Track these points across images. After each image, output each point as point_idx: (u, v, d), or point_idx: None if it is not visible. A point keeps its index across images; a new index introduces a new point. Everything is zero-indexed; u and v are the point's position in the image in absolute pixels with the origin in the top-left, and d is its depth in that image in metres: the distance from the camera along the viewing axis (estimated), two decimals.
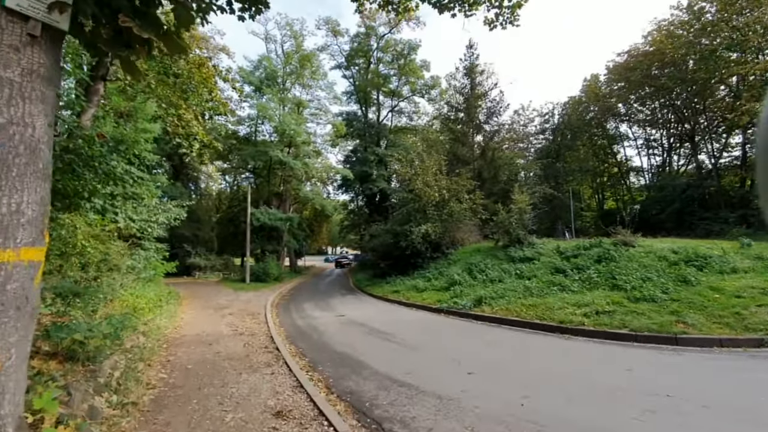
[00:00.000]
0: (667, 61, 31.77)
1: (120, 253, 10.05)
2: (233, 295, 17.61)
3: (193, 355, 6.76)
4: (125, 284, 10.51)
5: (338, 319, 10.75)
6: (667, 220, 30.60)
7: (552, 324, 7.63)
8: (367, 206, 38.84)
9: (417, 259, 17.95)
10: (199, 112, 13.01)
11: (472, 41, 25.01)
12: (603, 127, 42.60)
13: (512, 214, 15.58)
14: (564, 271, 11.92)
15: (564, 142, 38.08)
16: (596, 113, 41.27)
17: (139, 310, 9.30)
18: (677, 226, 29.54)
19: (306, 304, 14.64)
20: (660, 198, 35.11)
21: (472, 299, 10.48)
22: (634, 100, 39.98)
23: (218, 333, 9.00)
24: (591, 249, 13.07)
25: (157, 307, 10.90)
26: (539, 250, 14.33)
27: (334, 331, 8.96)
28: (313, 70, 29.49)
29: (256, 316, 11.91)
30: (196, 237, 31.20)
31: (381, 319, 10.26)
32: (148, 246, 13.13)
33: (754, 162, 1.98)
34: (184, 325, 9.95)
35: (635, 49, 36.41)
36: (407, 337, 7.81)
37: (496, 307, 9.50)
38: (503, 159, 24.29)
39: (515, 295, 10.08)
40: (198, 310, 12.82)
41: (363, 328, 9.11)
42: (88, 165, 6.16)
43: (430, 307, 11.31)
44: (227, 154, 30.89)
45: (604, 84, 41.84)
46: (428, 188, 17.88)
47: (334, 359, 6.51)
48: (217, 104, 13.98)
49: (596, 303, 8.11)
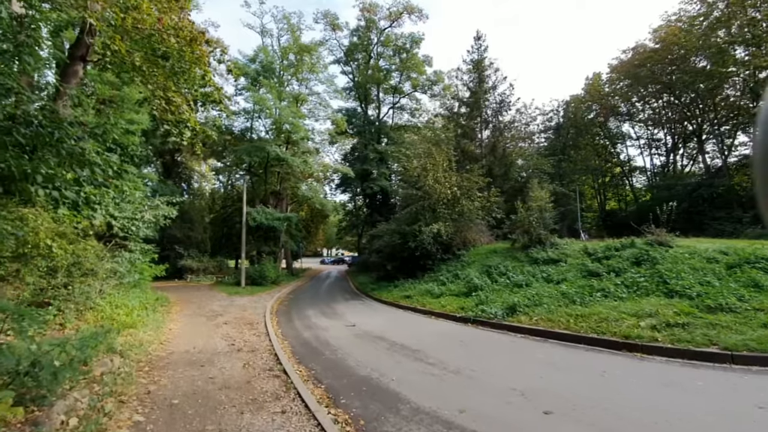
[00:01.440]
0: (676, 57, 31.00)
1: (97, 255, 8.65)
2: (228, 300, 16.20)
3: (181, 383, 5.41)
4: (104, 291, 9.11)
5: (350, 330, 9.43)
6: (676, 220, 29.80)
7: (615, 339, 6.38)
8: (367, 206, 37.55)
9: (426, 260, 16.69)
10: (191, 98, 11.63)
11: (480, 32, 23.85)
12: (605, 126, 41.85)
13: (532, 212, 14.38)
14: (598, 273, 10.72)
15: (569, 141, 37.14)
16: (599, 112, 40.47)
17: (118, 321, 7.91)
18: (686, 227, 28.65)
19: (309, 311, 13.29)
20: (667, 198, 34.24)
21: (502, 307, 9.22)
22: (638, 99, 39.25)
23: (212, 348, 7.65)
24: (623, 250, 11.94)
25: (142, 316, 9.50)
26: (564, 251, 13.15)
27: (349, 347, 7.64)
28: (312, 63, 28.09)
29: (254, 325, 10.55)
30: (188, 238, 29.70)
31: (400, 331, 8.96)
32: (133, 247, 11.69)
33: (752, 164, 0.79)
34: (173, 339, 8.57)
35: (641, 46, 35.65)
36: (441, 356, 6.51)
37: (534, 317, 8.25)
38: (514, 155, 23.11)
39: (553, 303, 8.84)
40: (189, 319, 11.42)
41: (383, 343, 7.80)
42: (46, 143, 4.81)
43: (452, 316, 10.03)
44: (221, 151, 29.43)
45: (607, 83, 41.10)
46: (438, 185, 16.63)
47: (358, 388, 5.20)
48: (211, 90, 12.66)
49: (660, 313, 6.88)
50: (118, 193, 10.06)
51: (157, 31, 10.23)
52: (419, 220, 16.99)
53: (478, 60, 23.93)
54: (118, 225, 10.21)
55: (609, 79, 40.77)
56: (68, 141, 5.14)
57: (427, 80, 33.22)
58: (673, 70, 32.52)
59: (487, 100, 23.61)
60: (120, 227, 10.32)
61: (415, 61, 32.10)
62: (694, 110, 34.89)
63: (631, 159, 44.01)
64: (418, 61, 32.28)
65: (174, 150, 30.44)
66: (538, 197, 14.74)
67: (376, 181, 32.06)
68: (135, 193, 10.74)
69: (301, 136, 24.19)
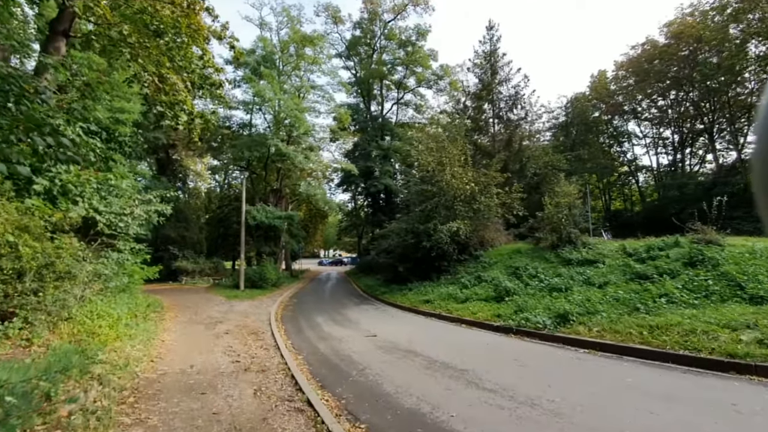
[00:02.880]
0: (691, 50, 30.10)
1: (75, 255, 7.34)
2: (227, 304, 14.86)
3: (176, 422, 4.11)
4: (85, 298, 7.78)
5: (372, 342, 8.15)
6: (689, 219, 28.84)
7: (716, 358, 5.17)
8: (369, 205, 36.28)
9: (442, 261, 15.46)
10: (188, 79, 10.31)
11: (492, 21, 22.68)
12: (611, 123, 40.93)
13: (561, 208, 13.20)
14: (648, 276, 9.53)
15: (578, 138, 36.12)
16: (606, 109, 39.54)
17: (99, 335, 6.59)
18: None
19: (318, 318, 12.01)
20: (677, 197, 33.27)
21: (549, 315, 7.99)
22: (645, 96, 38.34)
23: (213, 367, 6.35)
24: (668, 249, 10.80)
25: (130, 326, 8.18)
26: (600, 251, 11.97)
27: (378, 364, 6.37)
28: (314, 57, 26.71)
29: (260, 335, 9.26)
30: (183, 238, 28.30)
31: (433, 343, 7.70)
32: (122, 246, 10.33)
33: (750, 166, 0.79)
34: (166, 354, 7.26)
35: (651, 42, 34.78)
36: (499, 379, 5.27)
37: (593, 327, 7.03)
38: (530, 151, 21.92)
39: (611, 310, 7.63)
40: (185, 327, 10.10)
41: (418, 359, 6.54)
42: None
43: (488, 325, 8.78)
44: (219, 147, 28.07)
45: (613, 81, 40.19)
46: (455, 180, 15.40)
47: (410, 429, 3.93)
48: (210, 73, 11.35)
49: (761, 324, 5.68)
50: (104, 182, 8.73)
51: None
52: (434, 218, 15.75)
53: (491, 50, 22.75)
54: (103, 221, 8.86)
55: (615, 76, 39.91)
56: (25, 101, 3.86)
57: (433, 74, 32.03)
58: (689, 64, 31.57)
59: (500, 93, 22.44)
60: (106, 223, 8.98)
61: (421, 54, 30.90)
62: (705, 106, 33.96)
63: (636, 158, 43.14)
64: (423, 54, 31.09)
65: (169, 146, 29.08)
66: (567, 192, 13.57)
67: (379, 180, 30.81)
68: (122, 182, 9.38)
69: (304, 131, 22.86)
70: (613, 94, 39.16)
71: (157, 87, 8.93)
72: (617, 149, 43.06)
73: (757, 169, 0.61)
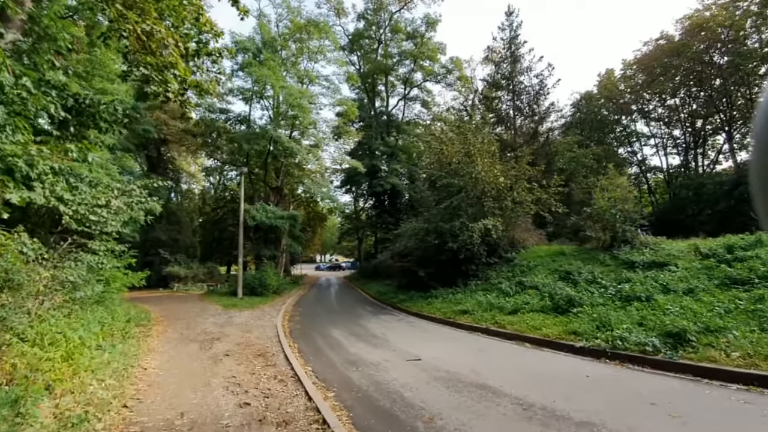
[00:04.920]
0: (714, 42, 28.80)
1: (26, 257, 5.39)
2: (224, 315, 12.86)
3: None
4: (40, 314, 5.79)
5: (420, 369, 6.24)
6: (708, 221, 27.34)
7: None
8: (374, 206, 34.41)
9: (470, 265, 13.62)
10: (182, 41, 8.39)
11: (511, 7, 21.05)
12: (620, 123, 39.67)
13: (614, 203, 11.44)
14: (748, 281, 7.74)
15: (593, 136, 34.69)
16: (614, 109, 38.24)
17: (50, 370, 4.62)
18: (719, 228, 26.21)
19: (334, 331, 10.08)
20: (693, 198, 31.80)
21: (652, 333, 6.13)
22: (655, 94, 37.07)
23: (213, 416, 4.42)
24: (752, 249, 9.08)
25: (101, 350, 6.20)
26: (667, 252, 10.21)
27: (449, 411, 4.46)
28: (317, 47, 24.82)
29: (269, 358, 7.32)
30: (175, 242, 26.20)
31: (509, 374, 5.78)
32: (96, 246, 8.34)
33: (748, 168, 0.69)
34: (146, 391, 5.30)
35: (665, 36, 33.53)
36: None
37: (731, 352, 5.20)
38: (556, 145, 20.22)
39: (743, 328, 5.79)
40: (175, 348, 8.12)
41: (505, 402, 4.64)
42: None
43: (563, 344, 6.89)
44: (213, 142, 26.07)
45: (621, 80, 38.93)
46: (485, 172, 13.58)
47: None
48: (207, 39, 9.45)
49: None
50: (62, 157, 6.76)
51: None
52: (459, 216, 13.88)
53: (511, 37, 21.09)
54: (69, 212, 6.89)
55: (623, 75, 38.66)
56: None
57: (442, 68, 30.32)
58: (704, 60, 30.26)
59: (522, 83, 20.77)
60: (73, 216, 7.00)
61: (430, 46, 29.20)
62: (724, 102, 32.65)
63: (646, 158, 41.90)
64: (432, 46, 29.40)
65: (160, 141, 27.03)
66: (618, 183, 11.82)
67: (386, 178, 28.99)
68: (89, 155, 7.41)
69: (308, 122, 20.95)
70: (622, 93, 37.90)
71: (141, 42, 7.01)
72: (628, 149, 41.78)
73: (756, 169, 0.61)
